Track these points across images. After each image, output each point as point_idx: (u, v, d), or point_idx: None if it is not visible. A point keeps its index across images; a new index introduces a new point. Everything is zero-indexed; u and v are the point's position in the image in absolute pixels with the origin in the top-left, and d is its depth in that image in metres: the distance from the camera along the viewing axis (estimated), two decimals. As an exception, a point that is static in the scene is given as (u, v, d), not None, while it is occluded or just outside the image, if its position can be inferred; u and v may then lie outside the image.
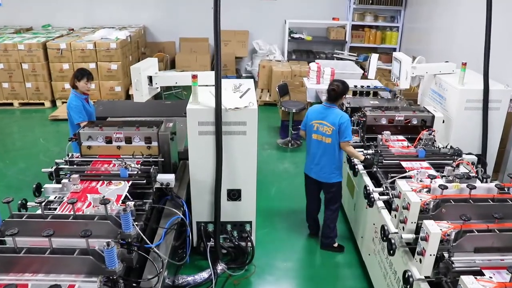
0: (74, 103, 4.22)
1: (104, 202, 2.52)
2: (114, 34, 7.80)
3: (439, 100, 4.61)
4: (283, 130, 6.52)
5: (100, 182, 3.13)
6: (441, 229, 2.37)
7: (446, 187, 2.71)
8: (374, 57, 5.01)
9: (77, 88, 4.27)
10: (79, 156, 3.61)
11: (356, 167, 3.81)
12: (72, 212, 2.60)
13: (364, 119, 4.15)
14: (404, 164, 3.62)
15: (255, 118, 3.38)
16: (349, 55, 8.98)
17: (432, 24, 7.68)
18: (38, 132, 6.89)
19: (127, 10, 9.46)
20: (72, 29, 9.06)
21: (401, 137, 4.15)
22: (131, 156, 3.51)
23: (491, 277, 2.20)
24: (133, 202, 2.88)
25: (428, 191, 2.81)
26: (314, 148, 3.86)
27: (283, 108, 6.07)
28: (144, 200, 3.09)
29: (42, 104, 7.83)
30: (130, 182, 3.16)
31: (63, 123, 6.31)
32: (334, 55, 9.08)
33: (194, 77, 3.36)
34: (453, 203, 2.67)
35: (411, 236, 2.59)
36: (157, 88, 3.89)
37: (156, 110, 5.41)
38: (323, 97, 5.79)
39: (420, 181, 3.23)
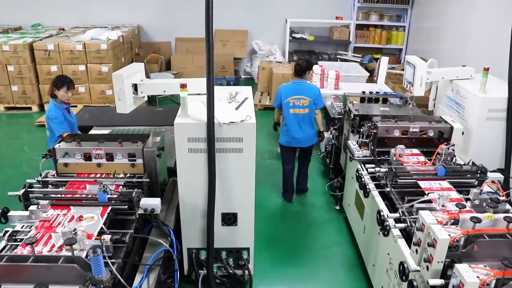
0: (54, 113, 3.80)
1: (70, 242, 2.10)
2: (105, 34, 7.37)
3: (456, 109, 4.18)
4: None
5: (70, 214, 2.70)
6: (478, 277, 1.95)
7: (479, 220, 2.29)
8: (384, 60, 4.58)
9: (57, 97, 3.85)
10: (55, 175, 3.21)
11: (367, 187, 3.38)
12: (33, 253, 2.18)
13: (375, 130, 3.73)
14: (421, 184, 3.20)
15: (253, 134, 2.96)
16: (353, 56, 8.56)
17: (443, 24, 7.25)
18: (23, 139, 6.46)
19: (121, 9, 9.04)
20: (63, 29, 8.64)
21: (415, 150, 3.73)
22: (112, 176, 3.09)
23: None
24: (109, 236, 2.46)
25: (456, 223, 2.39)
26: (293, 121, 4.50)
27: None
28: (125, 231, 2.68)
29: (30, 108, 7.41)
30: (109, 208, 2.75)
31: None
32: (337, 56, 8.66)
33: (183, 86, 2.93)
34: (487, 239, 2.26)
35: (439, 282, 2.16)
36: (144, 97, 3.46)
37: (147, 118, 5.00)
38: (328, 102, 5.40)
39: (442, 205, 2.83)
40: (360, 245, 3.83)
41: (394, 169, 3.29)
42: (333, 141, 4.85)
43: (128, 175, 3.19)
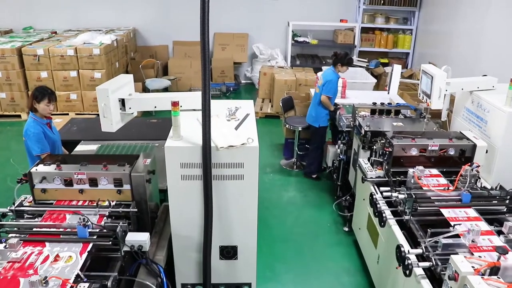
0: (32, 130, 3.42)
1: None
2: (99, 38, 7.00)
3: (477, 123, 3.82)
4: (287, 149, 5.73)
5: (45, 253, 2.34)
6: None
7: (526, 270, 1.93)
8: (397, 69, 4.20)
9: (37, 111, 3.48)
10: (32, 202, 2.85)
11: (383, 215, 3.02)
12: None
13: (390, 149, 3.36)
14: (445, 212, 2.83)
15: (255, 159, 2.59)
16: (359, 60, 8.19)
17: (453, 26, 6.88)
18: (11, 150, 6.09)
19: (116, 11, 8.68)
20: (55, 32, 8.27)
21: (434, 171, 3.36)
22: (96, 205, 2.73)
23: None
24: (87, 284, 2.10)
25: (496, 272, 2.02)
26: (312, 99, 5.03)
27: (287, 126, 5.28)
28: (107, 273, 2.31)
29: (19, 116, 7.05)
30: (91, 245, 2.39)
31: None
32: (342, 61, 8.27)
33: (175, 104, 2.56)
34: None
35: None
36: (133, 113, 3.09)
37: (140, 131, 4.60)
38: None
39: (472, 241, 2.46)
40: (373, 275, 3.46)
41: (413, 195, 2.92)
42: (341, 156, 4.48)
43: (114, 203, 2.83)
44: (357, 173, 4.02)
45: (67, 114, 6.92)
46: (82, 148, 4.07)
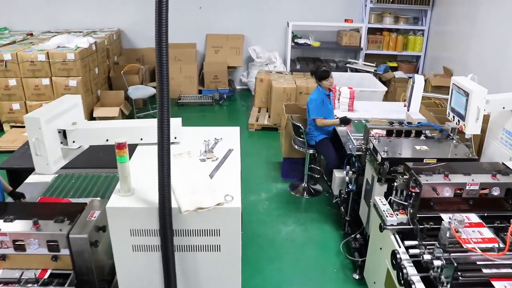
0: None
1: None
2: (75, 42, 6.24)
3: (522, 150, 3.06)
4: (286, 169, 4.97)
5: None
6: None
7: None
8: (419, 80, 3.42)
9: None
10: None
11: (412, 286, 2.25)
12: None
13: (418, 189, 2.60)
14: (498, 286, 2.09)
15: (236, 223, 1.84)
16: (365, 65, 7.42)
17: (472, 28, 6.11)
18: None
19: (98, 11, 7.91)
20: (31, 34, 7.51)
21: (473, 217, 2.61)
22: (17, 280, 1.99)
23: None
24: None
25: None
26: None
27: (296, 147, 4.54)
28: None
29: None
30: None
31: (7, 156, 4.50)
32: (347, 65, 7.52)
33: (120, 147, 1.80)
34: None
35: None
36: (79, 147, 2.34)
37: (110, 155, 3.83)
38: (340, 128, 4.31)
39: None
40: None
41: (454, 262, 2.16)
42: (350, 186, 3.72)
43: (48, 272, 2.09)
44: (371, 210, 3.28)
45: (40, 126, 6.17)
46: (34, 179, 3.32)
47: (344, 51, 8.05)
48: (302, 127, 4.27)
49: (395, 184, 2.81)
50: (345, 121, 4.17)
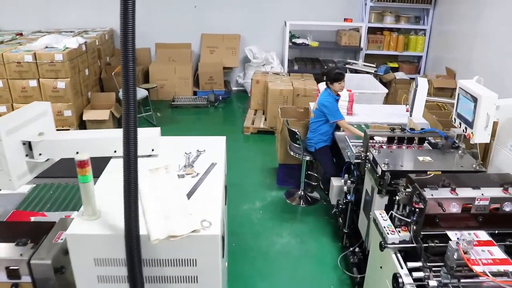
0: None
1: None
2: (64, 42, 6.02)
3: (534, 160, 2.82)
4: (282, 176, 4.75)
5: None
6: None
7: None
8: (422, 83, 3.18)
9: None
10: None
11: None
12: None
13: (422, 205, 2.37)
14: (513, 317, 1.86)
15: (215, 253, 1.61)
16: (365, 65, 7.18)
17: (476, 27, 5.88)
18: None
19: (91, 11, 7.69)
20: (20, 34, 7.28)
21: (483, 234, 2.38)
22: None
23: None
24: None
25: None
26: None
27: (292, 153, 4.31)
28: None
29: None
30: None
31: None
32: (346, 66, 7.28)
33: (82, 165, 1.57)
34: None
35: None
36: (47, 160, 2.11)
37: (95, 162, 3.60)
38: (338, 132, 4.09)
39: None
40: None
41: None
42: (348, 197, 3.49)
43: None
44: (370, 224, 3.05)
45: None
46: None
47: (344, 51, 7.82)
48: (298, 132, 4.04)
49: (397, 198, 2.58)
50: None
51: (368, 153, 3.19)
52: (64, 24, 7.63)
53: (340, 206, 3.62)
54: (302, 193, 4.43)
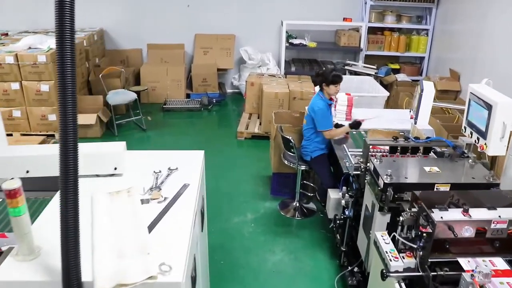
0: None
1: None
2: (48, 42, 5.72)
3: (554, 173, 2.52)
4: (276, 185, 4.45)
5: None
6: None
7: None
8: (428, 88, 2.88)
9: None
10: None
11: None
12: None
13: (430, 229, 2.06)
14: None
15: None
16: (365, 67, 6.88)
17: (482, 26, 5.58)
18: None
19: (81, 10, 7.33)
20: (6, 34, 6.97)
21: (499, 262, 2.08)
22: None
23: None
24: None
25: None
26: None
27: (286, 162, 4.00)
28: None
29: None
30: None
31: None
32: (345, 67, 6.98)
33: (12, 195, 1.26)
34: None
35: None
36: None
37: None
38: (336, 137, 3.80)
39: None
40: None
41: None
42: (346, 212, 3.18)
43: None
44: (371, 244, 2.75)
45: (11, 135, 5.65)
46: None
47: (343, 52, 7.51)
48: (292, 140, 3.73)
49: (401, 218, 2.28)
50: (355, 125, 3.66)
51: (368, 163, 2.89)
52: (52, 24, 7.29)
53: (338, 222, 3.31)
54: (298, 205, 4.13)
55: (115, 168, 1.78)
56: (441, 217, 2.06)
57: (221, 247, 3.58)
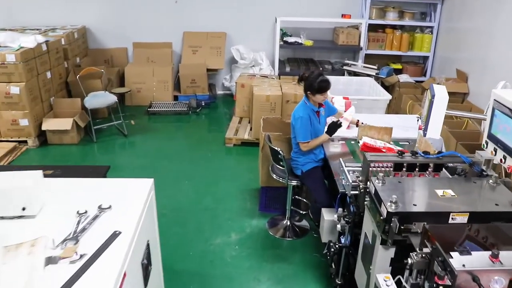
0: None
1: None
2: (20, 40, 5.24)
3: None
4: (265, 200, 3.98)
5: None
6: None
7: None
8: (441, 93, 2.39)
9: None
10: None
11: None
12: None
13: (450, 282, 1.59)
14: None
15: None
16: (365, 67, 6.40)
17: (492, 23, 5.10)
18: None
19: (63, 7, 6.91)
20: (-21, 32, 6.50)
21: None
22: None
23: None
24: None
25: None
26: None
27: (275, 176, 3.52)
28: None
29: None
30: None
31: None
32: (343, 67, 6.50)
33: None
34: None
35: None
36: None
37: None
38: (332, 148, 3.32)
39: None
40: None
41: None
42: (342, 241, 2.71)
43: None
44: (370, 280, 2.28)
45: (-19, 142, 5.20)
46: None
47: (341, 51, 7.04)
48: (281, 151, 3.25)
49: (409, 261, 1.80)
50: (333, 127, 3.20)
51: (368, 184, 2.42)
52: (30, 21, 6.86)
53: (332, 250, 2.83)
54: (289, 223, 3.66)
55: (23, 209, 1.32)
56: (463, 265, 1.59)
57: (198, 274, 3.12)
